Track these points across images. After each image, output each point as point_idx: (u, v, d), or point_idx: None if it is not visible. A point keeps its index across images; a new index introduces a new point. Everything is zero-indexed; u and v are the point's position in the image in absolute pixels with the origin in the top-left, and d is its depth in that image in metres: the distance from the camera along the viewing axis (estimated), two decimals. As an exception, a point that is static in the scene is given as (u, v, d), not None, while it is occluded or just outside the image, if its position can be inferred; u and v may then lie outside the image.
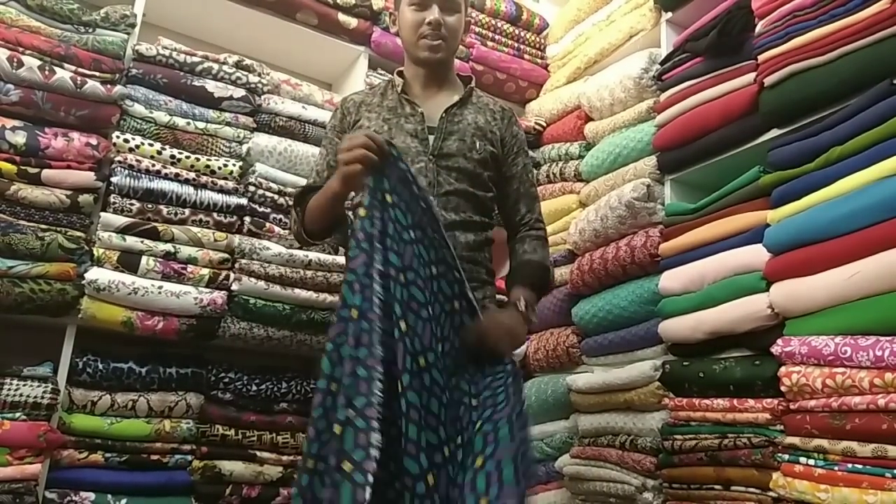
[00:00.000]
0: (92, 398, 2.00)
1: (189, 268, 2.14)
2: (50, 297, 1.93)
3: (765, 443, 1.71)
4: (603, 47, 2.72)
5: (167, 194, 2.16)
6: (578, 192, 2.65)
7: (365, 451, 1.13)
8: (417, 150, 1.61)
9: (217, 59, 2.37)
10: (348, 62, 2.79)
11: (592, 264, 2.39)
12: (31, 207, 1.97)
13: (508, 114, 1.78)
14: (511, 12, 3.09)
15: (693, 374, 1.94)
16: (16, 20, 2.05)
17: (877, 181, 1.54)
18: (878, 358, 1.46)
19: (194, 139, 2.27)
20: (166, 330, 2.10)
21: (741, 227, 1.90)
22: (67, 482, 1.93)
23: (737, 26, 2.03)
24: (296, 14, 2.61)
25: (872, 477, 1.45)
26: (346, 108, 1.74)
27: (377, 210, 1.33)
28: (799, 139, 1.78)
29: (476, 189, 1.64)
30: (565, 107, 2.85)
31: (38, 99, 2.01)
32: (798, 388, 1.63)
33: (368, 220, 1.32)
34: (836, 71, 1.73)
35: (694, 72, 2.20)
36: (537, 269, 1.69)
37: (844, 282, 1.57)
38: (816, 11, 1.79)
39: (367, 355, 1.21)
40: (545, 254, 1.73)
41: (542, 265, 1.70)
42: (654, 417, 2.09)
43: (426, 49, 1.66)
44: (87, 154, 2.04)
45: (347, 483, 1.12)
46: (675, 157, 2.24)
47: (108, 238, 2.06)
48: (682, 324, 2.00)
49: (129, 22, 2.24)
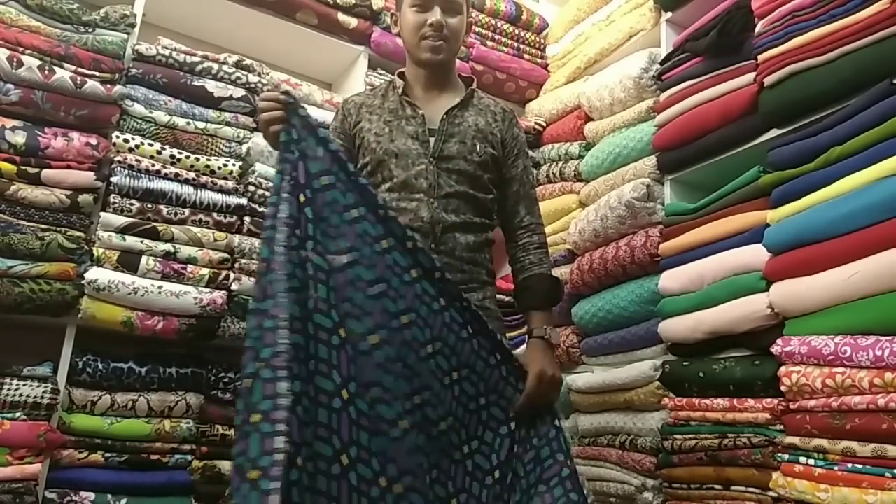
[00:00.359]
0: (92, 398, 2.00)
1: (189, 268, 2.14)
2: (50, 297, 1.93)
3: (765, 442, 1.71)
4: (603, 47, 2.72)
5: (167, 194, 2.16)
6: (578, 191, 2.65)
7: (272, 401, 1.11)
8: (418, 152, 1.61)
9: (217, 59, 2.37)
10: (348, 62, 2.79)
11: (592, 264, 2.39)
12: (30, 207, 1.98)
13: (509, 115, 1.78)
14: (511, 12, 3.09)
15: (693, 373, 1.94)
16: (16, 20, 2.05)
17: (876, 181, 1.54)
18: (878, 358, 1.46)
19: (194, 139, 2.27)
20: (166, 330, 2.10)
21: (741, 227, 1.89)
22: (67, 482, 1.93)
23: (736, 26, 2.03)
24: (296, 14, 2.61)
25: (872, 477, 1.45)
26: (346, 109, 1.74)
27: (287, 164, 1.35)
28: (799, 139, 1.78)
29: (476, 191, 1.64)
30: (565, 107, 2.85)
31: (37, 99, 2.02)
32: (798, 387, 1.63)
33: (278, 174, 1.34)
34: (835, 71, 1.73)
35: (694, 72, 2.20)
36: (552, 286, 1.69)
37: (844, 282, 1.57)
38: (816, 11, 1.79)
39: (272, 305, 1.20)
40: (550, 263, 1.74)
41: (555, 279, 1.71)
42: (654, 417, 2.09)
43: (428, 50, 1.66)
44: (86, 154, 2.04)
45: (255, 434, 1.10)
46: (675, 156, 2.24)
47: (108, 238, 2.06)
48: (682, 324, 2.00)
49: (129, 22, 2.24)
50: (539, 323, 1.62)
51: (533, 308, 1.65)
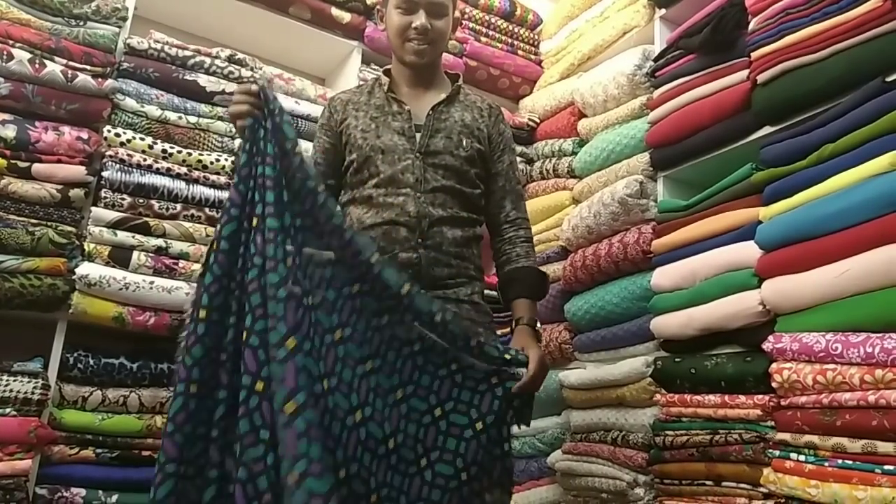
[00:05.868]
0: (83, 394, 1.99)
1: (181, 263, 2.13)
2: (40, 293, 1.92)
3: (756, 439, 1.72)
4: (596, 44, 2.72)
5: (159, 189, 2.15)
6: (571, 188, 2.65)
7: None
8: (404, 147, 1.62)
9: (209, 54, 2.36)
10: (341, 57, 2.78)
11: (585, 261, 2.40)
12: (21, 202, 1.97)
13: (496, 111, 1.79)
14: (505, 8, 3.08)
15: (685, 370, 1.94)
16: (6, 13, 2.03)
17: (868, 179, 1.54)
18: (869, 354, 1.47)
19: (186, 134, 2.26)
20: (158, 325, 2.09)
21: (733, 223, 1.90)
22: (58, 478, 1.93)
23: (730, 23, 2.03)
24: (289, 8, 2.60)
25: (862, 473, 1.46)
26: (333, 106, 1.74)
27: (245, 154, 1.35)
28: (791, 136, 1.79)
29: (463, 186, 1.65)
30: (559, 103, 2.85)
31: (28, 92, 2.00)
32: (789, 384, 1.63)
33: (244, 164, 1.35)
34: (828, 69, 1.74)
35: (687, 69, 2.20)
36: (538, 278, 1.70)
37: (835, 279, 1.57)
38: (809, 9, 1.79)
39: None
40: (535, 258, 1.75)
41: (541, 272, 1.72)
42: (646, 413, 2.10)
43: (412, 53, 1.66)
44: (77, 148, 2.03)
45: None
46: (668, 153, 2.24)
47: (100, 233, 2.05)
48: (674, 320, 2.01)
49: (121, 15, 2.23)
50: (527, 311, 1.63)
51: (521, 297, 1.65)
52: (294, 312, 1.20)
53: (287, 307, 1.20)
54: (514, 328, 1.63)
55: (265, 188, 1.29)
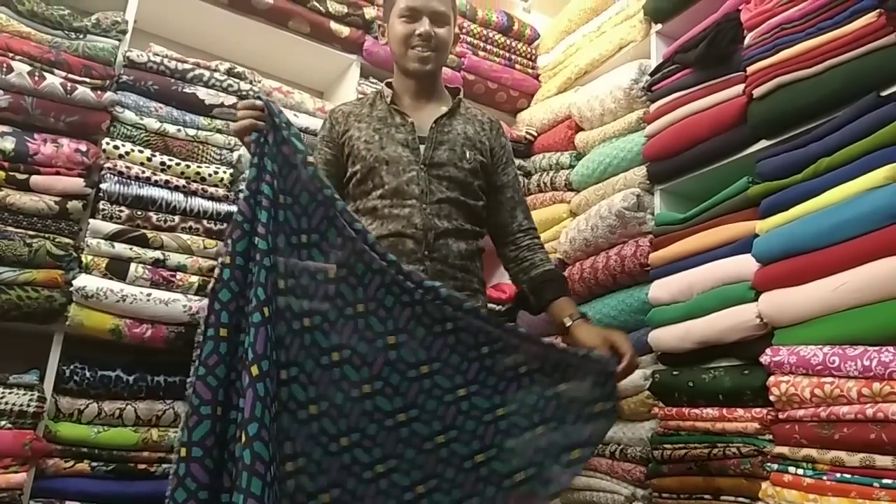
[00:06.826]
0: (79, 406, 1.98)
1: (178, 275, 2.13)
2: (37, 305, 1.92)
3: (754, 452, 1.71)
4: (593, 58, 2.74)
5: (157, 201, 2.15)
6: (569, 201, 2.65)
7: None
8: (409, 159, 1.62)
9: (208, 67, 2.37)
10: (340, 70, 2.79)
11: (582, 273, 2.40)
12: (19, 214, 1.96)
13: (496, 125, 1.80)
14: (502, 23, 3.10)
15: (682, 383, 1.94)
16: (6, 25, 2.04)
17: (864, 192, 1.55)
18: (866, 368, 1.47)
19: (185, 146, 2.27)
20: (155, 338, 2.08)
21: (730, 237, 1.90)
22: (53, 491, 1.91)
23: (726, 38, 2.05)
24: (288, 22, 2.62)
25: (860, 486, 1.45)
26: (334, 118, 1.75)
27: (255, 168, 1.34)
28: (787, 150, 1.80)
29: (467, 198, 1.65)
30: (556, 117, 2.86)
31: (27, 105, 2.00)
32: (787, 397, 1.63)
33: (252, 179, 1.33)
34: (823, 83, 1.75)
35: (683, 83, 2.21)
36: (564, 281, 1.74)
37: (832, 292, 1.58)
38: (804, 24, 1.81)
39: None
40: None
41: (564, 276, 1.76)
42: (644, 427, 2.09)
43: (416, 60, 1.67)
44: (76, 160, 2.03)
45: None
46: (665, 167, 2.25)
47: (97, 245, 2.04)
48: (672, 333, 2.01)
49: (120, 28, 2.24)
50: (575, 307, 1.65)
51: (562, 296, 1.67)
52: (264, 339, 1.19)
53: (258, 333, 1.19)
54: (570, 325, 1.62)
55: (261, 207, 1.29)
